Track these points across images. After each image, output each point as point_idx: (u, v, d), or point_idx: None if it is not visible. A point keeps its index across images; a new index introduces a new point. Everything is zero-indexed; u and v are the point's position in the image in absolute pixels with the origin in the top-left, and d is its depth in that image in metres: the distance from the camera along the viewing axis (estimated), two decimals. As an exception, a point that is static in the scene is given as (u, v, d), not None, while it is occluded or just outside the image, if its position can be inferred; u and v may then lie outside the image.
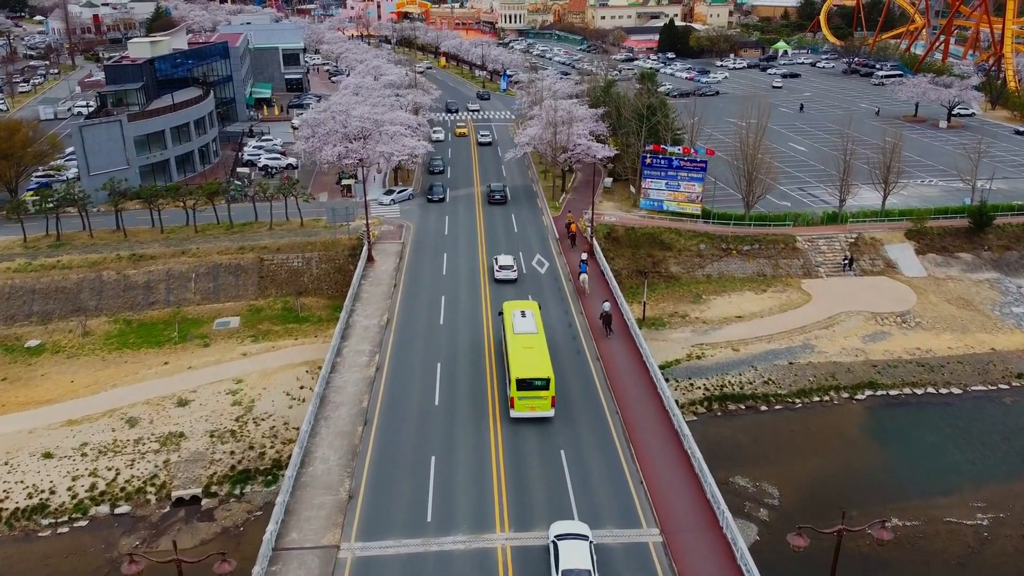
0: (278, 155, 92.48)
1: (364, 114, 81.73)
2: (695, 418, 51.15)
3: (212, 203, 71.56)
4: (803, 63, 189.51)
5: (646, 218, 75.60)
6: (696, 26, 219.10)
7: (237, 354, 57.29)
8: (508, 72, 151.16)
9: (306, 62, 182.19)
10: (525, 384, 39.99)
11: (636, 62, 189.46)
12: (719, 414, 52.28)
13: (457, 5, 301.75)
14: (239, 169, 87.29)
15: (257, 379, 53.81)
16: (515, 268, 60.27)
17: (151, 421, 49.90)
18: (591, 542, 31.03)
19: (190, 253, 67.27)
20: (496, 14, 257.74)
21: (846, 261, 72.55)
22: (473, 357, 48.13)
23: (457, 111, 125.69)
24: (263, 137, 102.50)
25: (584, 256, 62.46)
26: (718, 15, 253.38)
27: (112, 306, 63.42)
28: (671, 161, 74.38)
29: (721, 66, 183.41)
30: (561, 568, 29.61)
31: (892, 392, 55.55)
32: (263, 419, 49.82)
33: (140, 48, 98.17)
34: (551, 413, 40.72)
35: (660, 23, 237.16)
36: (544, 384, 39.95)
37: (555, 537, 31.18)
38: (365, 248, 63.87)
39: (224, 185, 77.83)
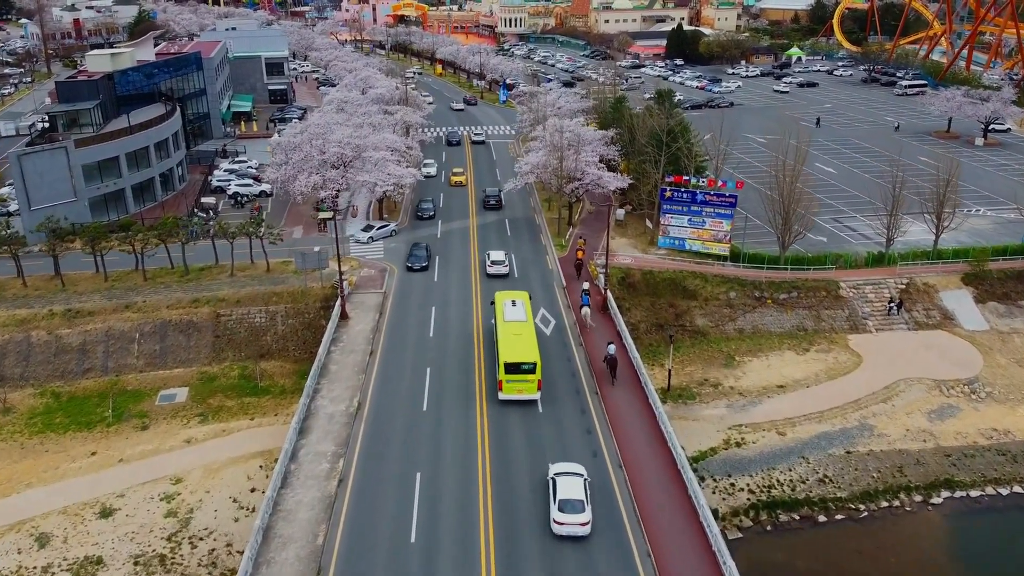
0: (251, 181, 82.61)
1: (345, 138, 71.95)
2: (740, 534, 41.34)
3: (165, 244, 61.72)
4: (819, 71, 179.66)
5: (665, 259, 65.77)
6: (704, 30, 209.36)
7: (180, 440, 47.52)
8: (508, 81, 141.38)
9: (295, 69, 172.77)
10: (513, 368, 42.28)
11: (643, 69, 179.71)
12: (768, 528, 42.41)
13: (455, 8, 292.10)
14: (203, 199, 77.45)
15: (200, 478, 44.00)
16: (507, 264, 61.99)
17: (65, 539, 40.14)
18: (585, 479, 34.67)
19: (135, 307, 57.48)
20: (496, 18, 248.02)
21: (892, 304, 62.91)
22: (464, 463, 38.27)
23: (459, 143, 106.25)
24: (237, 158, 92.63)
25: (586, 287, 56.16)
26: (726, 19, 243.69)
27: (40, 374, 53.63)
28: (695, 195, 64.62)
29: (733, 74, 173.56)
30: (558, 498, 33.08)
31: (973, 493, 45.72)
32: (202, 538, 40.00)
33: (99, 61, 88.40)
34: (537, 396, 42.92)
35: (666, 27, 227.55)
36: (531, 368, 42.27)
37: (554, 474, 34.72)
38: (338, 305, 54.08)
39: (183, 220, 68.23)
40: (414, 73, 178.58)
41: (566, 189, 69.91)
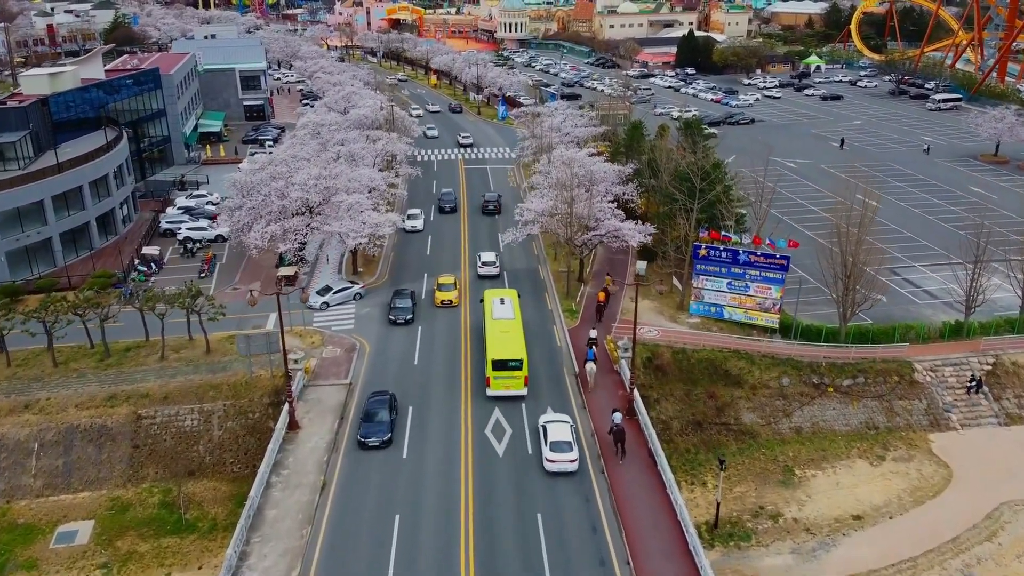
0: (206, 223, 70.51)
1: (311, 179, 59.91)
2: None
3: (82, 318, 49.68)
4: (841, 81, 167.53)
5: (700, 331, 53.66)
6: (715, 36, 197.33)
7: (67, 613, 35.58)
8: (507, 94, 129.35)
9: (279, 79, 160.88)
10: (500, 364, 43.14)
11: (653, 79, 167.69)
12: None
13: (453, 12, 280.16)
14: (146, 250, 65.35)
15: None
16: (498, 265, 61.77)
17: None
18: (572, 425, 39.91)
19: (36, 407, 45.48)
20: (495, 22, 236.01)
21: (973, 383, 51.16)
22: None
23: (454, 209, 77.54)
24: (195, 192, 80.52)
25: (593, 335, 49.95)
26: (737, 23, 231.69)
27: (-98, 500, 41.73)
28: (736, 255, 52.60)
29: (749, 84, 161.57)
30: (549, 440, 38.27)
31: None
32: None
33: (35, 83, 76.35)
34: (524, 391, 43.73)
35: (674, 32, 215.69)
36: (518, 365, 43.21)
37: (544, 422, 39.96)
38: (284, 411, 42.02)
39: (117, 278, 56.59)
40: (398, 80, 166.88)
41: (577, 240, 57.90)
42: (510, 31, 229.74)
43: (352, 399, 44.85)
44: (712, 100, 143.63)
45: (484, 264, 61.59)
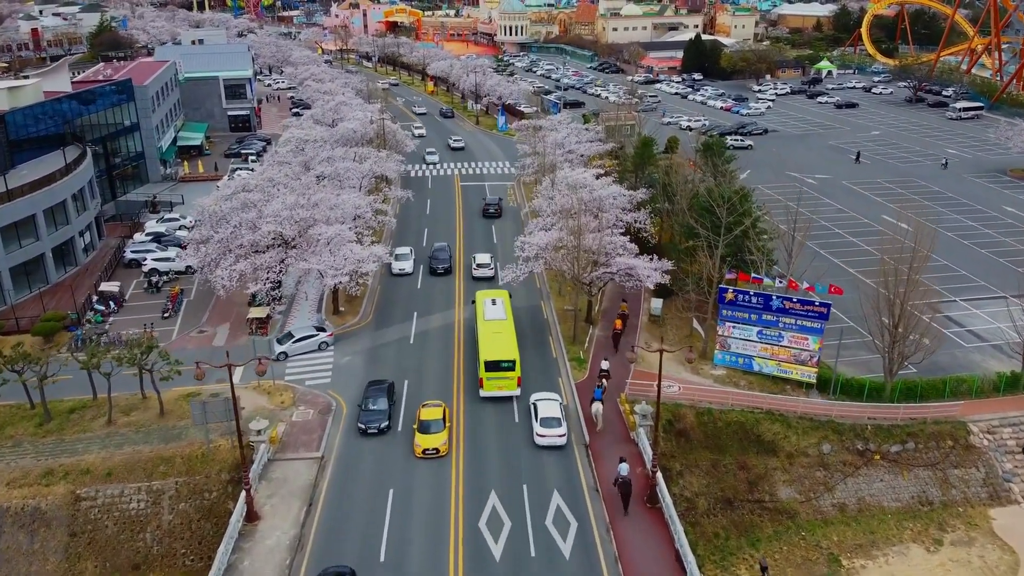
0: (175, 251, 63.81)
1: (285, 209, 53.45)
2: None
3: (19, 375, 43.23)
4: (854, 87, 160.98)
5: (725, 385, 47.19)
6: (722, 40, 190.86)
7: None
8: (508, 102, 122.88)
9: (269, 85, 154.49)
10: (493, 365, 43.41)
11: (659, 85, 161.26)
12: None
13: (452, 14, 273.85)
14: (103, 286, 58.88)
15: None
16: (492, 267, 60.72)
17: None
18: (561, 403, 42.23)
19: (-42, 484, 39.09)
20: (495, 25, 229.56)
21: (1030, 443, 44.85)
22: None
23: (448, 270, 62.73)
24: (166, 216, 74.02)
25: (605, 366, 46.44)
26: (743, 26, 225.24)
27: None
28: (768, 300, 46.17)
29: (759, 91, 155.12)
30: (540, 416, 40.58)
31: None
32: None
33: (-9, 96, 70.02)
34: (517, 392, 43.97)
35: (679, 35, 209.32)
36: (511, 365, 43.54)
37: (535, 400, 42.07)
38: (241, 500, 35.50)
39: (70, 319, 50.23)
40: (389, 85, 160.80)
41: (585, 278, 51.45)
42: (510, 34, 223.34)
43: (323, 482, 38.25)
44: (721, 108, 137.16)
45: (479, 266, 61.30)
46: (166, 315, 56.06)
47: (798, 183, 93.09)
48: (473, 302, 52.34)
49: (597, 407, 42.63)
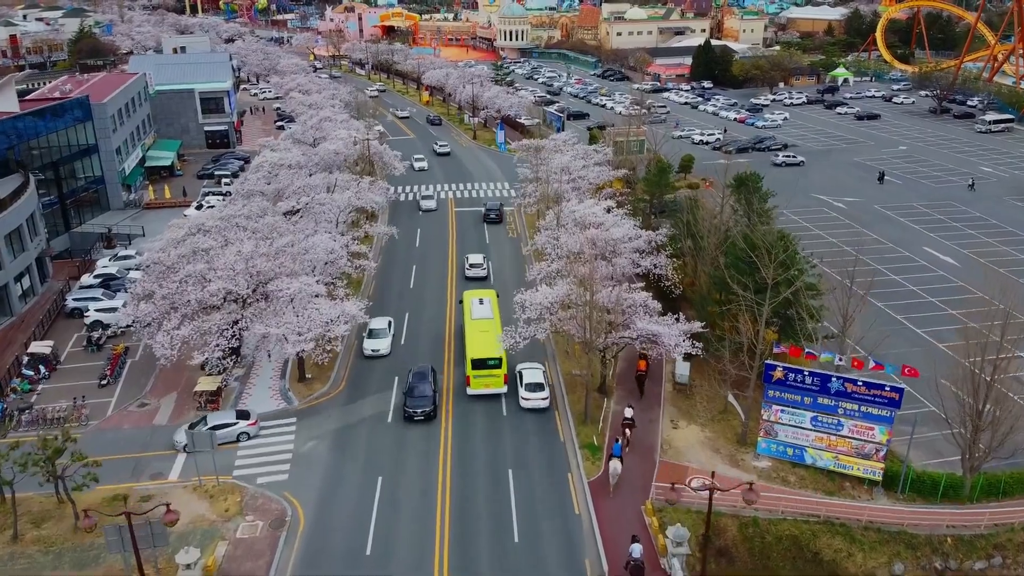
0: (123, 300, 55.21)
1: (241, 260, 44.97)
2: None
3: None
4: (873, 96, 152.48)
5: (772, 483, 38.64)
6: (732, 45, 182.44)
7: None
8: (508, 114, 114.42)
9: (255, 95, 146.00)
10: (479, 363, 43.83)
11: (667, 94, 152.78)
12: None
13: (450, 18, 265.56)
14: (34, 346, 50.24)
15: None
16: (485, 267, 61.54)
17: None
18: (544, 370, 45.50)
19: None
20: (494, 30, 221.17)
21: None
22: None
23: (431, 415, 43.30)
24: (121, 253, 65.46)
25: (628, 414, 41.39)
26: (752, 30, 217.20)
27: None
28: (827, 382, 37.63)
29: (773, 100, 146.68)
30: (524, 382, 43.95)
31: None
32: None
33: (-81, 118, 61.67)
34: (504, 389, 44.45)
35: (686, 40, 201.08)
36: (497, 363, 43.91)
37: (520, 369, 45.45)
38: None
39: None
40: (377, 91, 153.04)
41: (599, 343, 42.93)
42: (510, 39, 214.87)
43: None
44: (735, 119, 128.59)
45: (472, 266, 61.75)
46: (104, 382, 47.59)
47: (824, 207, 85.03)
48: (461, 302, 52.88)
49: (615, 466, 37.21)
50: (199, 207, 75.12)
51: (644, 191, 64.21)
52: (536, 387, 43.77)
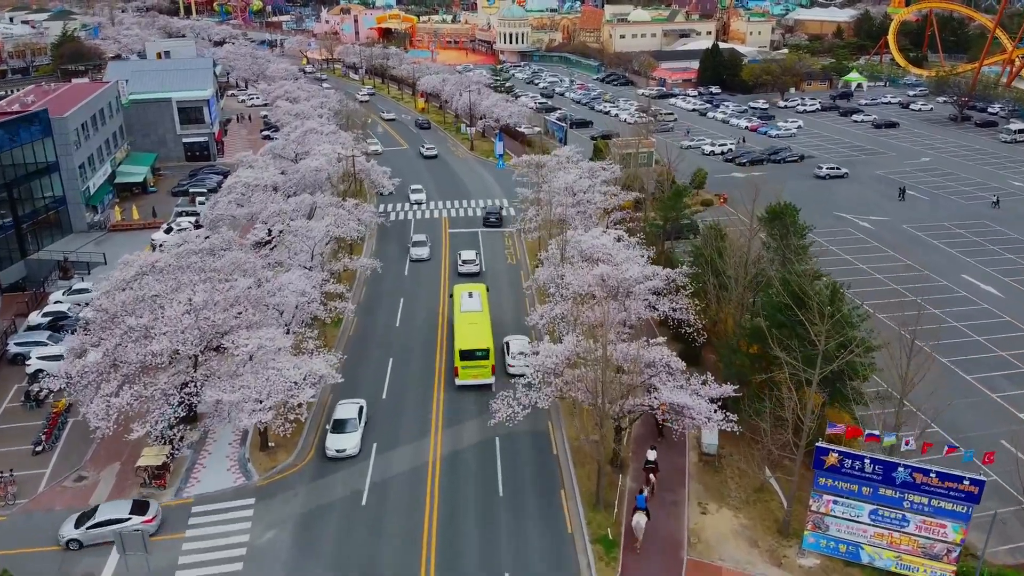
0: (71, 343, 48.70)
1: (191, 312, 38.34)
2: None
3: None
4: (889, 102, 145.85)
5: (819, 583, 32.08)
6: (739, 48, 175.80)
7: None
8: (507, 123, 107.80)
9: (243, 100, 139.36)
10: (467, 354, 45.19)
11: (673, 100, 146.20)
12: None
13: (449, 20, 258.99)
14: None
15: None
16: (478, 263, 63.00)
17: None
18: (529, 342, 46.50)
19: None
20: (493, 32, 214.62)
21: None
22: None
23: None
24: (77, 286, 58.76)
25: (651, 456, 37.18)
26: (759, 33, 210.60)
27: None
28: (891, 471, 30.99)
29: (785, 107, 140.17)
30: (511, 351, 47.33)
31: None
32: None
33: None
34: (492, 380, 45.49)
35: (691, 43, 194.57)
36: (485, 354, 45.27)
37: (506, 340, 48.86)
38: None
39: None
40: (367, 95, 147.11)
41: (614, 410, 36.26)
42: (510, 42, 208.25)
43: None
44: (747, 128, 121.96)
45: (464, 262, 62.92)
46: (39, 448, 41.03)
47: (849, 227, 78.47)
48: (451, 296, 54.06)
49: (639, 520, 33.26)
50: (168, 230, 68.73)
51: (657, 214, 57.60)
52: (520, 356, 46.32)
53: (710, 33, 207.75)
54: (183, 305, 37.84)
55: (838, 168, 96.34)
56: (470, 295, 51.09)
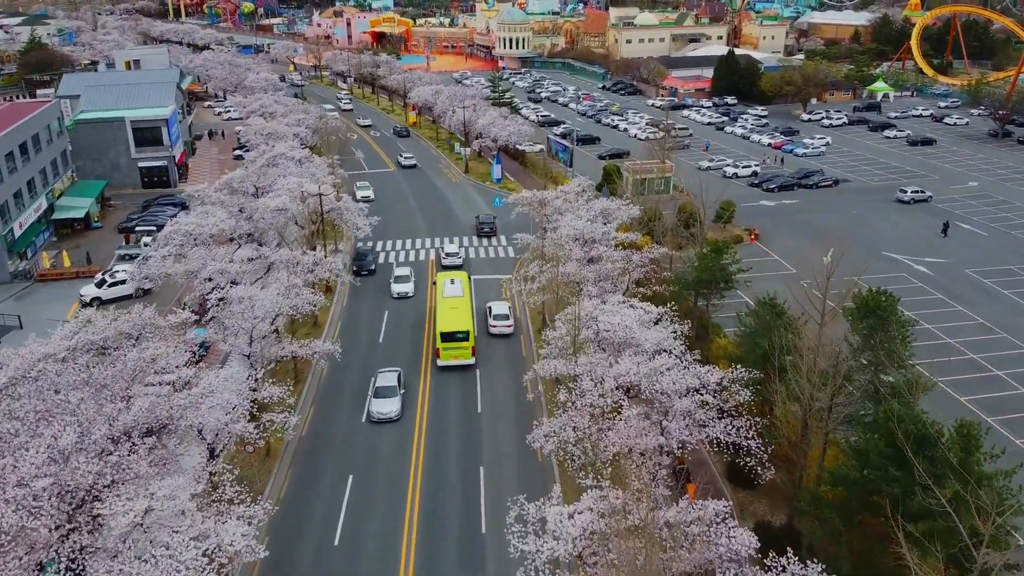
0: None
1: (51, 474, 27.05)
2: None
3: None
4: (921, 115, 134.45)
5: None
6: (753, 54, 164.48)
7: None
8: (506, 144, 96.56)
9: (219, 112, 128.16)
10: (448, 336, 47.43)
11: (687, 112, 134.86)
12: None
13: (446, 23, 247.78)
14: None
15: None
16: (460, 256, 65.52)
17: None
18: (510, 305, 54.38)
19: None
20: (493, 36, 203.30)
21: None
22: None
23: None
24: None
25: None
26: (773, 37, 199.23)
27: None
28: None
29: (809, 120, 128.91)
30: (493, 313, 52.98)
31: None
32: None
33: None
34: (472, 360, 48.01)
35: (702, 48, 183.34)
36: (464, 336, 47.49)
37: (489, 304, 54.32)
38: None
39: None
40: (346, 99, 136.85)
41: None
42: (510, 47, 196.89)
43: None
44: (770, 145, 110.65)
45: (448, 255, 65.03)
46: None
47: (903, 270, 67.23)
48: (434, 283, 56.62)
49: None
50: (101, 282, 57.61)
51: (693, 278, 46.29)
52: (502, 317, 52.79)
53: (721, 38, 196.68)
54: (43, 452, 26.51)
55: (922, 191, 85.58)
56: (452, 281, 53.54)
